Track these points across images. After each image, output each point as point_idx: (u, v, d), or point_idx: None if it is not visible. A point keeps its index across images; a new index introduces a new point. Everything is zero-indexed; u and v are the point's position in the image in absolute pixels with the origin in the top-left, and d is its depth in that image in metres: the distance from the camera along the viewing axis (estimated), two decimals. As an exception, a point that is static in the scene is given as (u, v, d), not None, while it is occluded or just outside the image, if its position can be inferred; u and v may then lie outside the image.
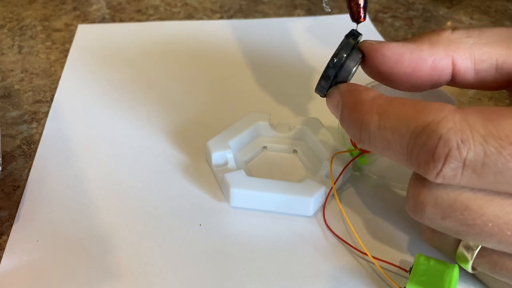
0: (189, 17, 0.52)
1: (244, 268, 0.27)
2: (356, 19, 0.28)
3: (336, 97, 0.24)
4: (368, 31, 0.49)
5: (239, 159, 0.33)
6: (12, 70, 0.43)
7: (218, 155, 0.32)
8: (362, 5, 0.28)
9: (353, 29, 0.25)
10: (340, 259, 0.27)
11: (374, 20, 0.51)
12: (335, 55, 0.24)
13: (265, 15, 0.53)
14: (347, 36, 0.24)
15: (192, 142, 0.35)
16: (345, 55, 0.24)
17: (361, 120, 0.22)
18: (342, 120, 0.24)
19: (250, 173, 0.33)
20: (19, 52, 0.46)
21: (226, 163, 0.31)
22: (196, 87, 0.41)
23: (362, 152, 0.30)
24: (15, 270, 0.26)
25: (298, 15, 0.53)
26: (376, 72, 0.24)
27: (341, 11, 0.54)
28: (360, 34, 0.24)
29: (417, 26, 0.51)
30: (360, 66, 0.25)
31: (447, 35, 0.23)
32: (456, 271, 0.23)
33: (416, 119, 0.20)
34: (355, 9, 0.28)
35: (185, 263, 0.27)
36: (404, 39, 0.24)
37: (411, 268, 0.24)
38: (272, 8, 0.54)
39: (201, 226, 0.29)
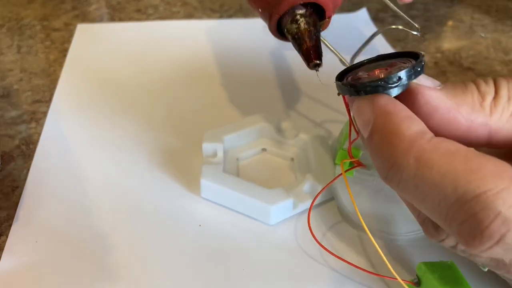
0: (189, 16, 0.52)
1: (244, 269, 0.27)
2: (312, 62, 0.25)
3: (367, 113, 0.20)
4: (368, 31, 0.49)
5: (231, 155, 0.33)
6: (11, 70, 0.43)
7: (209, 146, 0.32)
8: (312, 44, 0.25)
9: (421, 54, 0.21)
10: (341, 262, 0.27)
11: (375, 20, 0.51)
12: (399, 77, 0.20)
13: (265, 14, 0.53)
14: (418, 62, 0.20)
15: (192, 142, 0.35)
16: (404, 83, 0.20)
17: (394, 160, 0.19)
18: (369, 145, 0.20)
19: (237, 170, 0.32)
20: (18, 52, 0.46)
21: (215, 155, 0.32)
22: (196, 86, 0.41)
23: (356, 166, 0.27)
24: (14, 270, 0.26)
25: (298, 15, 0.53)
26: (409, 108, 0.21)
27: (341, 11, 0.54)
28: (424, 64, 0.21)
29: (417, 25, 0.51)
30: None
31: (489, 100, 0.20)
32: (455, 265, 0.24)
33: (468, 183, 0.17)
34: (307, 51, 0.25)
35: (184, 264, 0.27)
36: (449, 88, 0.20)
37: (416, 278, 0.24)
38: (272, 8, 0.54)
39: (200, 226, 0.29)
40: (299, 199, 0.29)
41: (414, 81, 0.20)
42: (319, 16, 0.27)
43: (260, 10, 0.29)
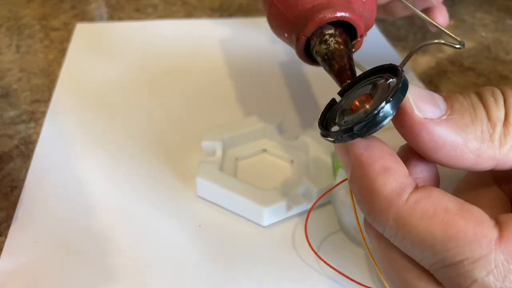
0: (189, 15, 0.52)
1: (243, 270, 0.26)
2: (346, 83, 0.22)
3: (345, 159, 0.20)
4: (368, 32, 0.49)
5: (231, 154, 0.33)
6: (10, 70, 0.43)
7: (208, 144, 0.32)
8: (344, 63, 0.23)
9: (400, 69, 0.18)
10: (342, 262, 0.27)
11: (376, 21, 0.51)
12: (385, 114, 0.17)
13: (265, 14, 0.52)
14: (398, 86, 0.18)
15: (192, 141, 0.35)
16: (390, 116, 0.18)
17: (374, 216, 0.18)
18: (352, 188, 0.19)
19: (235, 170, 0.32)
20: (17, 51, 0.45)
21: (213, 154, 0.31)
22: (196, 86, 0.41)
23: None
24: (13, 271, 0.26)
25: (299, 14, 0.53)
26: (406, 139, 0.19)
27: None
28: (407, 84, 0.18)
29: (418, 25, 0.51)
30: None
31: (498, 130, 0.18)
32: None
33: (446, 250, 0.16)
34: (340, 71, 0.23)
35: (184, 264, 0.27)
36: (453, 112, 0.18)
37: None
38: (272, 7, 0.54)
39: (200, 227, 0.29)
40: (293, 201, 0.29)
41: (413, 104, 0.18)
42: (350, 36, 0.25)
43: (286, 34, 0.26)
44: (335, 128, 0.19)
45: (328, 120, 0.20)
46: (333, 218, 0.30)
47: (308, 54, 0.26)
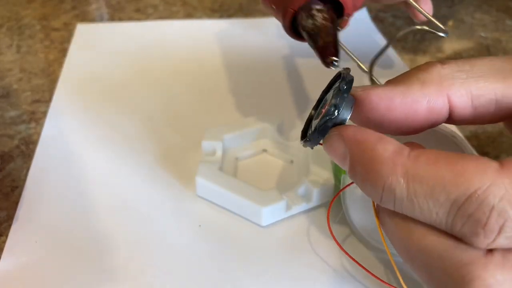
0: (189, 16, 0.52)
1: (244, 269, 0.27)
2: (329, 59, 0.23)
3: (340, 147, 0.20)
4: (368, 31, 0.49)
5: (231, 154, 0.33)
6: (10, 70, 0.43)
7: (208, 144, 0.32)
8: (329, 40, 0.23)
9: (343, 71, 0.22)
10: (342, 262, 0.27)
11: (375, 20, 0.51)
12: (334, 105, 0.20)
13: (265, 14, 0.53)
14: (340, 80, 0.21)
15: (193, 142, 0.35)
16: (341, 105, 0.20)
17: (383, 183, 0.19)
18: (353, 177, 0.20)
19: (235, 170, 0.32)
20: (18, 52, 0.46)
21: (214, 153, 0.32)
22: (196, 86, 0.41)
23: None
24: (13, 271, 0.26)
25: (298, 14, 0.53)
26: (366, 120, 0.21)
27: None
28: (352, 77, 0.21)
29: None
30: None
31: (437, 71, 0.21)
32: None
33: (457, 187, 0.17)
34: (324, 47, 0.23)
35: (184, 265, 0.27)
36: (391, 80, 0.21)
37: None
38: (272, 7, 0.54)
39: (200, 227, 0.29)
40: (293, 201, 0.29)
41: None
42: (337, 14, 0.26)
43: (273, 6, 0.27)
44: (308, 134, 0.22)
45: (308, 132, 0.23)
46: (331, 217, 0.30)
47: (294, 29, 0.26)
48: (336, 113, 0.20)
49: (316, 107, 0.23)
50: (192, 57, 0.45)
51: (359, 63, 0.25)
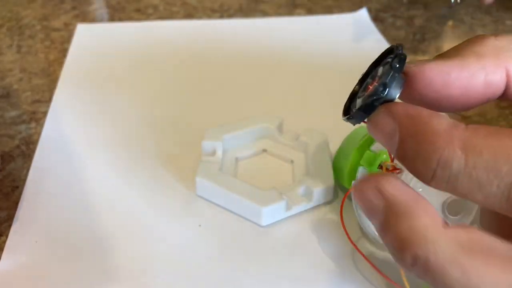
0: (189, 16, 0.52)
1: (244, 269, 0.27)
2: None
3: (389, 124, 0.19)
4: (369, 31, 0.49)
5: (231, 154, 0.33)
6: (10, 70, 0.43)
7: (208, 144, 0.32)
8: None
9: (396, 46, 0.21)
10: (342, 262, 0.27)
11: (375, 20, 0.51)
12: (383, 84, 0.19)
13: (265, 14, 0.53)
14: (394, 57, 0.20)
15: (192, 142, 0.35)
16: (392, 84, 0.19)
17: (438, 155, 0.18)
18: (403, 153, 0.19)
19: (235, 170, 0.32)
20: (18, 52, 0.46)
21: (214, 153, 0.32)
22: (196, 86, 0.41)
23: (392, 170, 0.25)
24: (14, 270, 0.26)
25: (299, 14, 0.53)
26: (419, 97, 0.20)
27: (341, 11, 0.54)
28: (405, 55, 0.20)
29: (418, 25, 0.51)
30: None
31: (492, 43, 0.20)
32: None
33: None
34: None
35: (184, 264, 0.27)
36: (443, 54, 0.20)
37: None
38: (272, 7, 0.54)
39: (200, 226, 0.29)
40: (293, 201, 0.29)
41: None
42: None
43: None
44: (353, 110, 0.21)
45: (352, 108, 0.22)
46: (333, 216, 0.30)
47: None
48: (384, 93, 0.19)
49: (361, 82, 0.22)
50: (192, 57, 0.45)
51: None
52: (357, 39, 0.48)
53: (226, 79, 0.42)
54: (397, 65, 0.19)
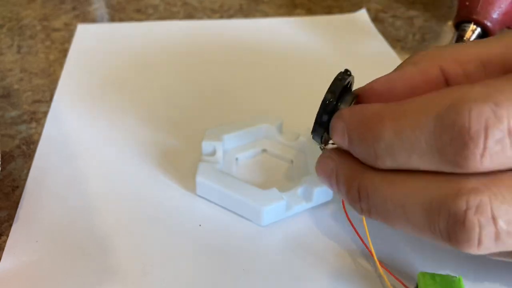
0: (189, 16, 0.52)
1: (244, 269, 0.27)
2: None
3: (339, 124, 0.22)
4: (368, 31, 0.49)
5: (231, 154, 0.33)
6: (11, 70, 0.43)
7: (208, 144, 0.32)
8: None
9: (343, 72, 0.25)
10: (342, 262, 0.27)
11: (375, 20, 0.51)
12: (327, 99, 0.23)
13: (265, 14, 0.53)
14: (337, 78, 0.24)
15: (193, 141, 0.35)
16: (336, 99, 0.23)
17: (373, 134, 0.20)
18: (352, 145, 0.22)
19: (235, 170, 0.32)
20: (18, 52, 0.46)
21: (213, 154, 0.32)
22: (196, 86, 0.41)
23: None
24: (14, 270, 0.26)
25: (299, 15, 0.53)
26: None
27: (341, 11, 0.54)
28: (350, 75, 0.25)
29: (417, 25, 0.51)
30: None
31: (424, 52, 0.23)
32: (461, 283, 0.23)
33: (435, 103, 0.18)
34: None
35: (185, 264, 0.27)
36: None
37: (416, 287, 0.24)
38: (272, 8, 0.54)
39: (201, 226, 0.29)
40: (293, 201, 0.29)
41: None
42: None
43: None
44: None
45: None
46: (334, 215, 0.30)
47: None
48: (331, 107, 0.23)
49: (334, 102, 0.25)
50: (192, 57, 0.45)
51: None
52: (357, 39, 0.48)
53: (226, 79, 0.42)
54: (340, 77, 0.24)
